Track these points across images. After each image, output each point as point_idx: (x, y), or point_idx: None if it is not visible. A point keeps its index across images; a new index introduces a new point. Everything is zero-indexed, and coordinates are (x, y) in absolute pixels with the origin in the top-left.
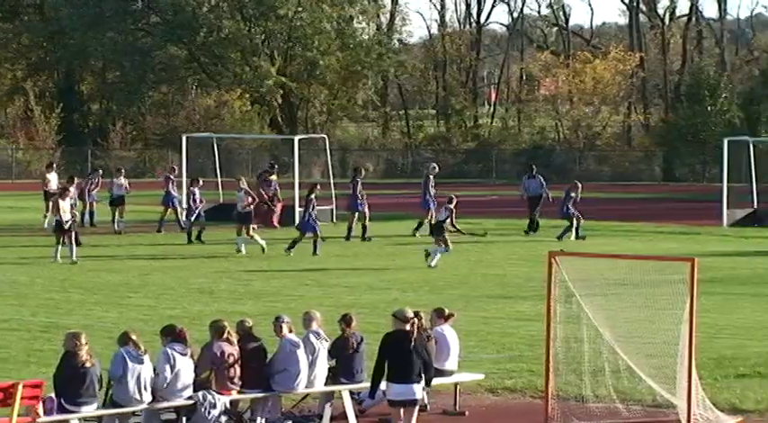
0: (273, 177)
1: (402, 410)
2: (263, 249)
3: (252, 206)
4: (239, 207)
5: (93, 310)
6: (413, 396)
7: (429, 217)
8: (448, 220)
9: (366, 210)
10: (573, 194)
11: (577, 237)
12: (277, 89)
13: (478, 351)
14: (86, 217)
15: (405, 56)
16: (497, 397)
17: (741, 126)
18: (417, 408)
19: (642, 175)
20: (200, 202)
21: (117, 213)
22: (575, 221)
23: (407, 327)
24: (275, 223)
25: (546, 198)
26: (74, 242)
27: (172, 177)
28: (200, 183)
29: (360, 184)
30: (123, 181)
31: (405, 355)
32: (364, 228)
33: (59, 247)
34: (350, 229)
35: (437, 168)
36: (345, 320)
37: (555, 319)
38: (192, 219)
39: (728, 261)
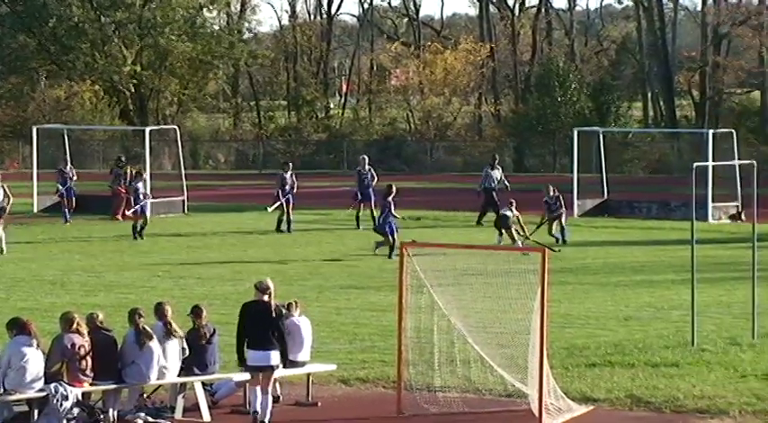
0: (127, 169)
1: (260, 375)
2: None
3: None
4: None
5: None
6: (269, 362)
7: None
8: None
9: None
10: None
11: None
12: (130, 79)
13: (331, 342)
14: None
15: (256, 46)
16: (350, 387)
17: (591, 116)
18: (274, 373)
19: None
20: (144, 196)
21: None
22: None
23: (266, 297)
24: (130, 214)
25: (505, 188)
26: None
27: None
28: (144, 176)
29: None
30: None
31: (263, 323)
32: (281, 221)
33: None
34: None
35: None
36: (195, 312)
37: (407, 309)
38: (140, 213)
39: (579, 251)
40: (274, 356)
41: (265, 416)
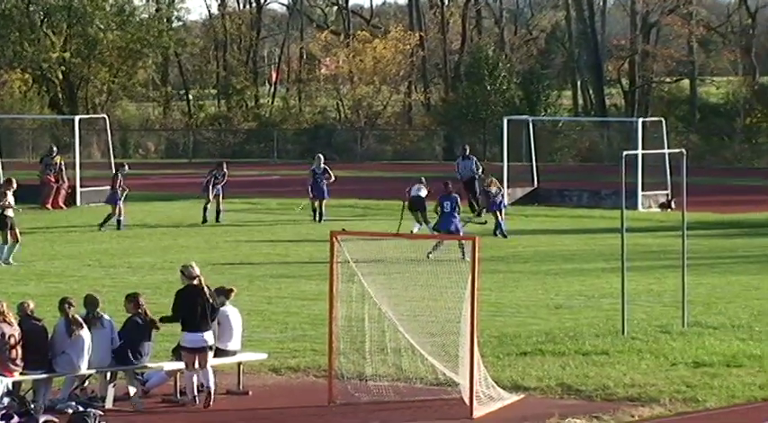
0: (57, 159)
1: (196, 356)
2: None
3: None
4: None
5: None
6: (204, 343)
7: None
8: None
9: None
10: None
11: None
12: (58, 66)
13: (262, 331)
14: None
15: (185, 34)
16: (281, 376)
17: (521, 105)
18: (210, 353)
19: (423, 154)
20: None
21: None
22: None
23: (195, 282)
24: (61, 204)
25: (478, 178)
26: None
27: None
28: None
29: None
30: None
31: (197, 307)
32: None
33: None
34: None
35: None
36: (131, 301)
37: (338, 298)
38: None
39: (510, 240)
40: (209, 337)
41: (212, 385)
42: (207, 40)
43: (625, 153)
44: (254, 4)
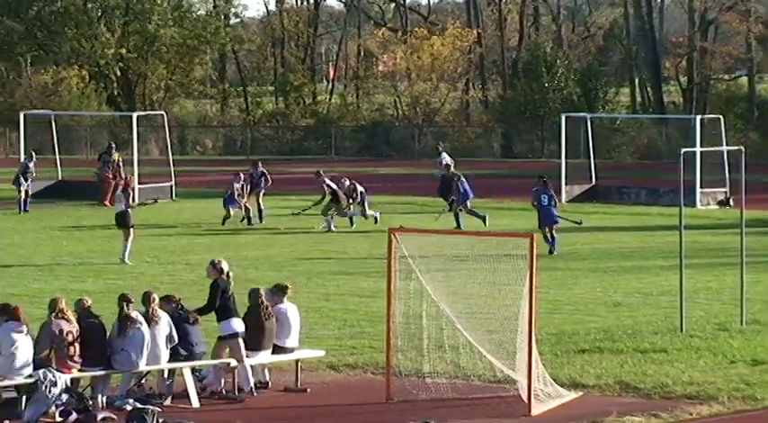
0: (115, 156)
1: (229, 345)
2: None
3: None
4: None
5: None
6: (239, 329)
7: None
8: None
9: None
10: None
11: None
12: (116, 62)
13: (320, 328)
14: None
15: (242, 31)
16: (339, 373)
17: (579, 102)
18: (241, 342)
19: (481, 152)
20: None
21: None
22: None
23: (224, 276)
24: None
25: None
26: None
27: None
28: (241, 176)
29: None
30: None
31: (229, 296)
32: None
33: None
34: None
35: None
36: (173, 300)
37: (396, 295)
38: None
39: (568, 237)
40: (239, 325)
41: (251, 382)
42: (264, 37)
43: (683, 150)
44: (311, 1)
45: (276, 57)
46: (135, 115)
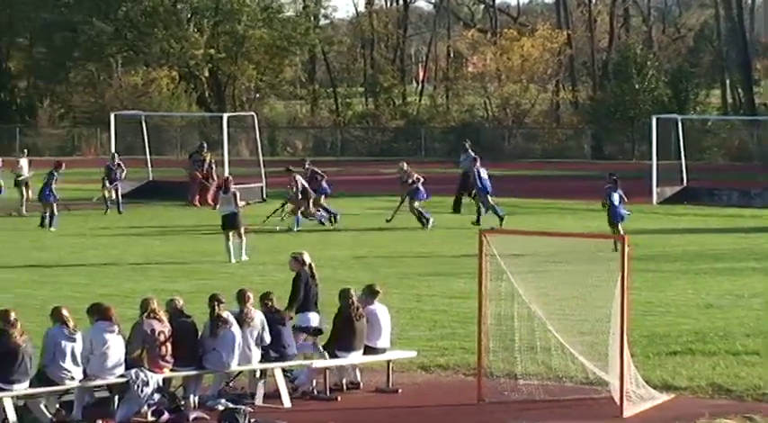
0: (207, 156)
1: (303, 335)
2: None
3: None
4: None
5: (25, 288)
6: (310, 324)
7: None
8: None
9: None
10: None
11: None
12: (205, 63)
13: (411, 329)
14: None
15: (332, 32)
16: (430, 374)
17: (669, 104)
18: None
19: (571, 153)
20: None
21: (24, 195)
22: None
23: (306, 268)
24: (210, 201)
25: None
26: None
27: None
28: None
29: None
30: (24, 161)
31: (309, 289)
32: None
33: None
34: None
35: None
36: (268, 298)
37: (487, 296)
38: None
39: (659, 238)
40: (315, 318)
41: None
42: (354, 39)
43: None
44: (401, 2)
45: (366, 58)
46: (225, 116)
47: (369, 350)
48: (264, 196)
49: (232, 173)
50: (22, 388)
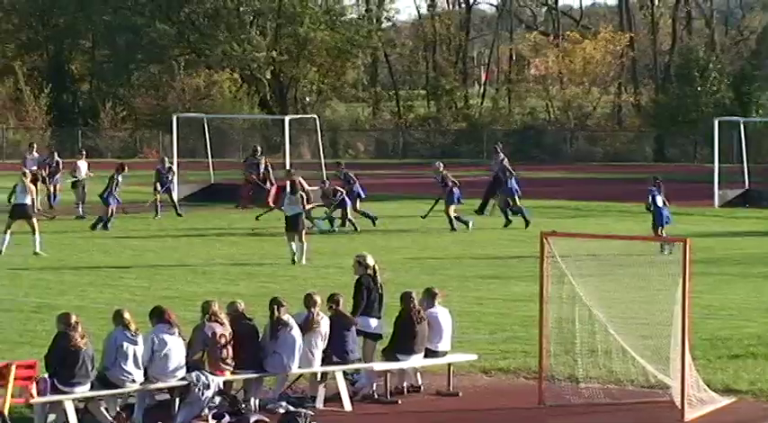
0: (262, 160)
1: (365, 340)
2: None
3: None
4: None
5: (86, 290)
6: (371, 329)
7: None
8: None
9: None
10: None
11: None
12: (267, 65)
13: (472, 332)
14: (51, 199)
15: (394, 35)
16: (491, 378)
17: (731, 106)
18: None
19: (633, 156)
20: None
21: (80, 197)
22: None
23: (369, 272)
24: (271, 203)
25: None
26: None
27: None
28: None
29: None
30: (83, 163)
31: (371, 294)
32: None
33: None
34: None
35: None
36: (335, 301)
37: (548, 299)
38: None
39: (721, 242)
40: (375, 324)
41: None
42: (416, 41)
43: None
44: (463, 5)
45: (428, 60)
46: (287, 118)
47: (430, 353)
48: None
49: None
50: (83, 390)
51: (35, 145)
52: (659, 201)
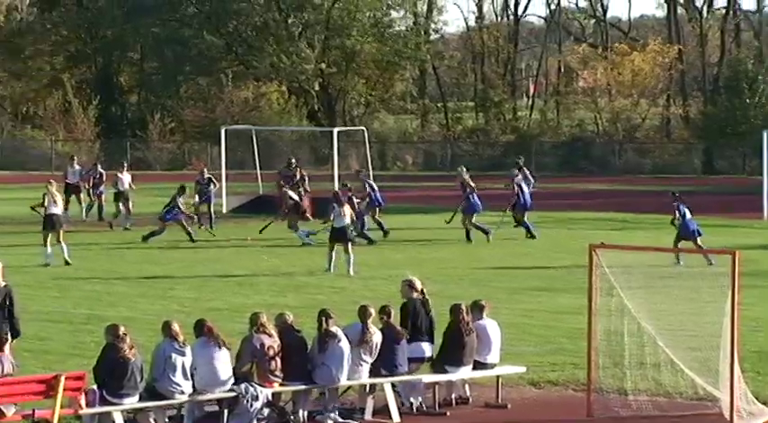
0: (296, 172)
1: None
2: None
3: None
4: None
5: (135, 302)
6: (422, 353)
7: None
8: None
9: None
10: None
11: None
12: (316, 77)
13: (520, 344)
14: (100, 211)
15: (442, 47)
16: (539, 390)
17: None
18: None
19: (682, 168)
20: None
21: (122, 209)
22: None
23: (418, 295)
24: (308, 216)
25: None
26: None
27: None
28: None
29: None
30: (126, 176)
31: (419, 318)
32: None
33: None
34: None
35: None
36: (386, 312)
37: (597, 312)
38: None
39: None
40: (427, 348)
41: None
42: (465, 53)
43: None
44: (511, 17)
45: (476, 72)
46: (335, 130)
47: (478, 365)
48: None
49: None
50: (131, 402)
51: (76, 157)
52: (688, 213)
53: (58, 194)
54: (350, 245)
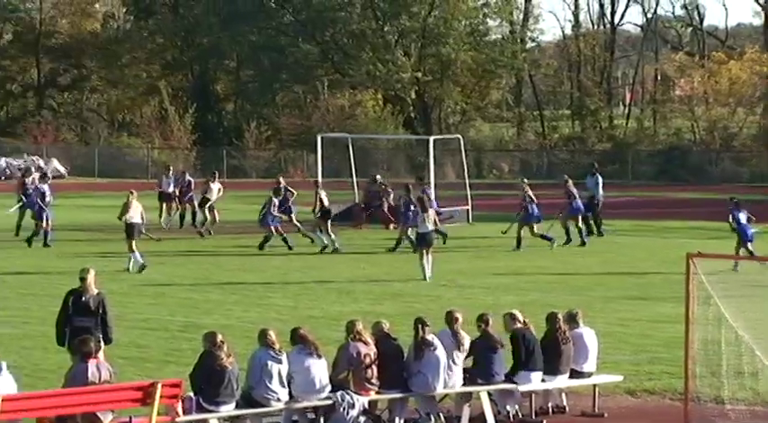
0: (380, 188)
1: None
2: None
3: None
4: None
5: (232, 309)
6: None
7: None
8: None
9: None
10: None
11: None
12: (411, 85)
13: (616, 353)
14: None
15: (538, 55)
16: (636, 399)
17: None
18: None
19: None
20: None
21: (208, 216)
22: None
23: (521, 326)
24: (392, 226)
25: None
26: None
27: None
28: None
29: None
30: (215, 185)
31: (531, 344)
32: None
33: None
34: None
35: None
36: (484, 320)
37: (694, 320)
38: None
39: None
40: (536, 378)
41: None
42: (561, 61)
43: None
44: (608, 25)
45: (572, 80)
46: (431, 139)
47: (575, 374)
48: (470, 219)
49: (439, 196)
50: (228, 409)
51: (171, 167)
52: (743, 218)
53: (139, 205)
54: (431, 249)
